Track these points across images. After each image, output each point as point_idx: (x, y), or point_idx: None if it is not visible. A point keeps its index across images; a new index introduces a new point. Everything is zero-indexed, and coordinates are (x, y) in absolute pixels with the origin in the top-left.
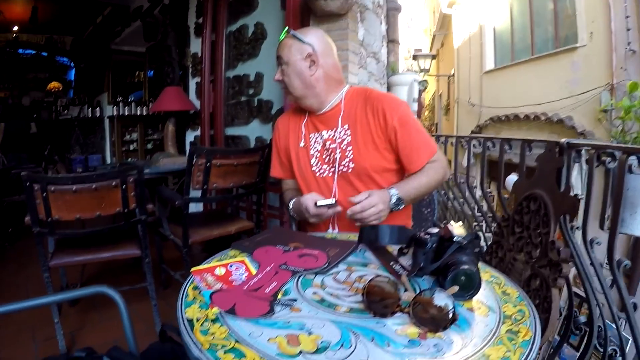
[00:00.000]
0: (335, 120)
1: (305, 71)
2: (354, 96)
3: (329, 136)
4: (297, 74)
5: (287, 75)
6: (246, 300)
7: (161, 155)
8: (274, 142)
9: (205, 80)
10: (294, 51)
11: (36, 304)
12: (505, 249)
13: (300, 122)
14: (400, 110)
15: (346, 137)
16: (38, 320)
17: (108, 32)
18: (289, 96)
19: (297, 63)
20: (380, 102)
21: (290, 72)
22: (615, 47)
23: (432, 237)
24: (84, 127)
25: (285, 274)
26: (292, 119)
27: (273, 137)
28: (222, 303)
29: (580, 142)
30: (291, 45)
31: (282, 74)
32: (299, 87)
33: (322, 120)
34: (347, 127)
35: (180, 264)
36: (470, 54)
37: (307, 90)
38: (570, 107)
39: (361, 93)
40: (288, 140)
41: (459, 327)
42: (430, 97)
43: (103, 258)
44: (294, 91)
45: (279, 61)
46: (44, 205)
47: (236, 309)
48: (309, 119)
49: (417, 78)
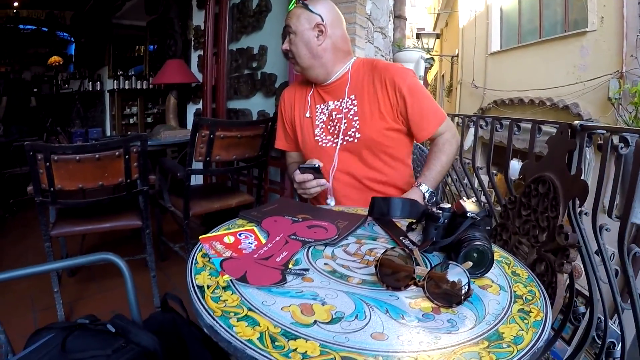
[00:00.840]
0: (342, 90)
1: (312, 40)
2: (360, 67)
3: (336, 106)
4: (305, 43)
5: (294, 44)
6: (257, 268)
7: (162, 128)
8: (280, 113)
9: (208, 53)
10: (303, 20)
11: (40, 271)
12: (510, 231)
13: (306, 94)
14: (408, 79)
15: (353, 107)
16: (37, 290)
17: (108, 6)
18: (295, 67)
19: (305, 32)
20: (388, 71)
21: (297, 42)
22: (626, 34)
23: (445, 212)
24: (85, 101)
25: (295, 244)
26: (298, 90)
27: (279, 108)
28: (233, 271)
29: (594, 125)
30: (300, 14)
31: (289, 44)
32: (306, 57)
33: (329, 91)
34: (353, 98)
35: (179, 237)
36: (475, 35)
37: (314, 60)
38: (577, 94)
39: (368, 63)
40: (293, 111)
41: (472, 304)
42: (432, 77)
43: (104, 228)
44: (300, 61)
45: (287, 30)
46: (47, 174)
47: (248, 277)
48: (315, 90)
49: (424, 55)
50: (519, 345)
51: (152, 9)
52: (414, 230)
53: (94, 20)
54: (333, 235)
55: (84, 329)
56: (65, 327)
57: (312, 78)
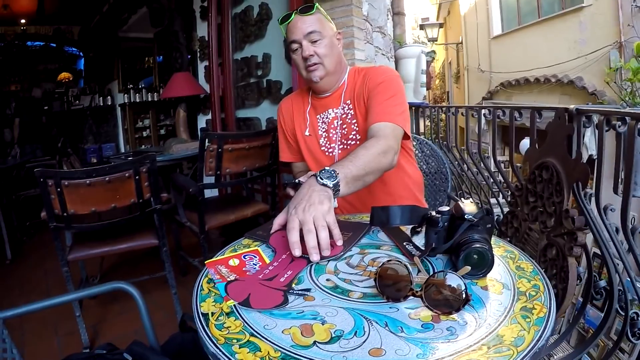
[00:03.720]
0: (338, 99)
1: (337, 46)
2: (354, 75)
3: (335, 114)
4: (332, 47)
5: (323, 48)
6: (261, 290)
7: (174, 142)
8: (280, 126)
9: (214, 63)
10: (327, 26)
11: (55, 303)
12: (520, 218)
13: (304, 109)
14: (384, 76)
15: (349, 112)
16: (60, 315)
17: (115, 20)
18: (318, 72)
19: (332, 38)
20: (372, 71)
21: (327, 45)
22: (621, 5)
23: (444, 215)
24: (96, 116)
25: (300, 262)
26: (295, 103)
27: (278, 121)
28: (237, 294)
29: (589, 108)
30: (323, 20)
31: (315, 48)
32: (333, 62)
33: (329, 101)
34: (349, 102)
35: (198, 250)
36: (477, 20)
37: (337, 66)
38: (580, 68)
39: (361, 70)
40: (294, 123)
41: (473, 308)
42: (440, 65)
43: (121, 249)
44: (329, 65)
45: (311, 36)
46: (59, 200)
47: (250, 300)
48: (313, 103)
49: (424, 49)
50: (520, 346)
51: (157, 22)
52: (419, 233)
53: (101, 34)
54: (338, 253)
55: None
56: (83, 359)
57: (325, 86)
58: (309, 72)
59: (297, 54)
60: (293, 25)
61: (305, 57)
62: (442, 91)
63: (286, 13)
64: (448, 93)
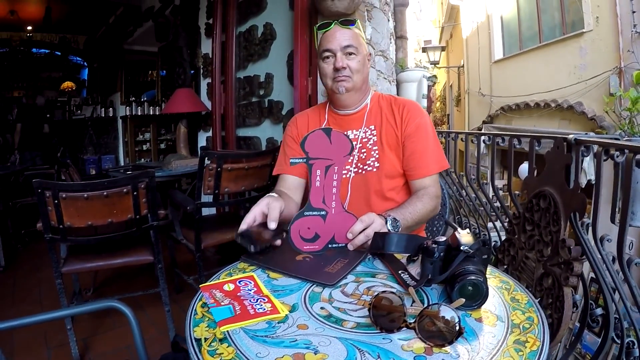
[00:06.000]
0: (360, 121)
1: (367, 66)
2: (379, 100)
3: (355, 136)
4: (363, 65)
5: (356, 63)
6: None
7: (173, 157)
8: (287, 138)
9: (216, 81)
10: (362, 43)
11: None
12: (517, 247)
13: (319, 125)
14: (421, 118)
15: (372, 137)
16: (51, 327)
17: (120, 32)
18: (344, 84)
19: (365, 57)
20: (406, 107)
21: (359, 62)
22: (621, 30)
23: (440, 246)
24: (97, 127)
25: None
26: (311, 118)
27: (289, 131)
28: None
29: (588, 139)
30: (359, 37)
31: (348, 62)
32: (361, 80)
33: (348, 121)
34: (373, 128)
35: (194, 267)
36: (479, 44)
37: (363, 85)
38: (580, 93)
39: (387, 98)
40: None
41: (466, 340)
42: (441, 88)
43: (116, 264)
44: (357, 81)
45: (347, 49)
46: (56, 211)
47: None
48: (330, 121)
49: (426, 74)
50: None
51: (162, 37)
52: (415, 262)
53: (107, 45)
54: (333, 281)
55: None
56: None
57: (347, 101)
58: (336, 82)
59: (328, 63)
60: (331, 35)
61: (337, 68)
62: (443, 114)
63: (325, 21)
64: (449, 116)
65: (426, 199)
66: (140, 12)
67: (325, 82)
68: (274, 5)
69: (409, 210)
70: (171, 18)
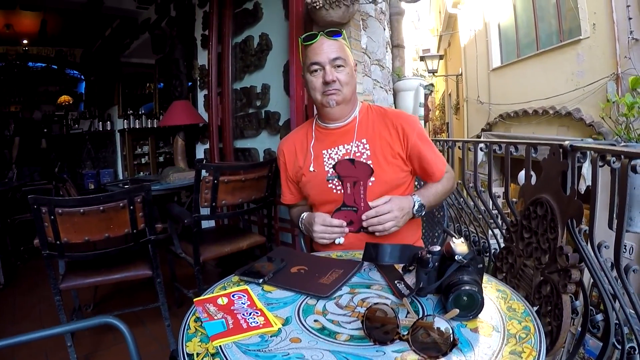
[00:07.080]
0: (350, 134)
1: (354, 75)
2: (368, 112)
3: (347, 150)
4: (352, 77)
5: (345, 76)
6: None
7: (171, 170)
8: (281, 168)
9: (213, 92)
10: (349, 55)
11: (42, 336)
12: (515, 254)
13: (307, 145)
14: (417, 127)
15: (365, 151)
16: (51, 344)
17: (117, 45)
18: (335, 97)
19: (352, 68)
20: (399, 118)
21: (348, 74)
22: (618, 37)
23: (434, 256)
24: (95, 141)
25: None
26: (297, 142)
27: (278, 163)
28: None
29: (583, 145)
30: (346, 48)
31: (337, 74)
32: (350, 91)
33: (338, 135)
34: (365, 142)
35: (194, 281)
36: (476, 52)
37: (352, 96)
38: (578, 99)
39: (376, 110)
40: (297, 162)
41: (461, 351)
42: (440, 96)
43: (114, 279)
44: (347, 93)
45: (336, 62)
46: (52, 227)
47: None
48: (318, 137)
49: (423, 83)
50: None
51: (159, 49)
52: (411, 271)
53: (103, 58)
54: (327, 292)
55: None
56: None
57: (337, 113)
58: (326, 96)
59: (317, 77)
60: (318, 47)
61: (327, 82)
62: (442, 122)
63: (310, 33)
64: (448, 124)
65: (445, 181)
66: (136, 24)
67: (314, 96)
68: (270, 15)
69: (431, 192)
70: (167, 30)
